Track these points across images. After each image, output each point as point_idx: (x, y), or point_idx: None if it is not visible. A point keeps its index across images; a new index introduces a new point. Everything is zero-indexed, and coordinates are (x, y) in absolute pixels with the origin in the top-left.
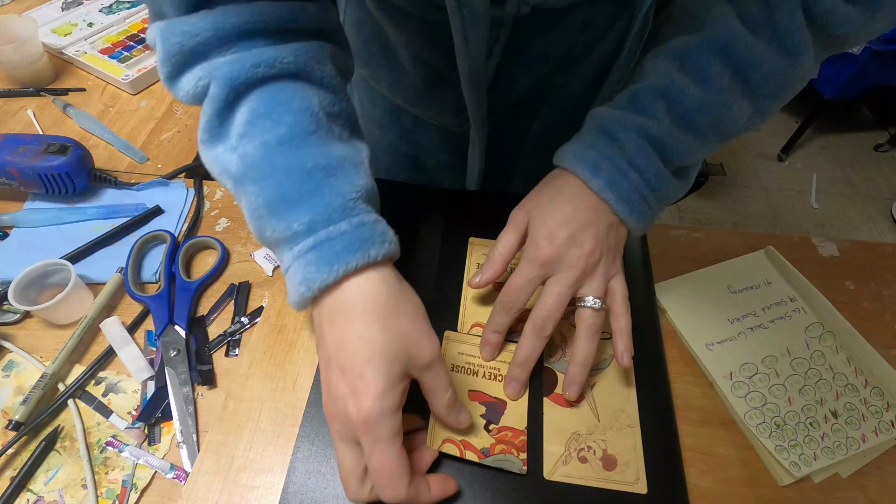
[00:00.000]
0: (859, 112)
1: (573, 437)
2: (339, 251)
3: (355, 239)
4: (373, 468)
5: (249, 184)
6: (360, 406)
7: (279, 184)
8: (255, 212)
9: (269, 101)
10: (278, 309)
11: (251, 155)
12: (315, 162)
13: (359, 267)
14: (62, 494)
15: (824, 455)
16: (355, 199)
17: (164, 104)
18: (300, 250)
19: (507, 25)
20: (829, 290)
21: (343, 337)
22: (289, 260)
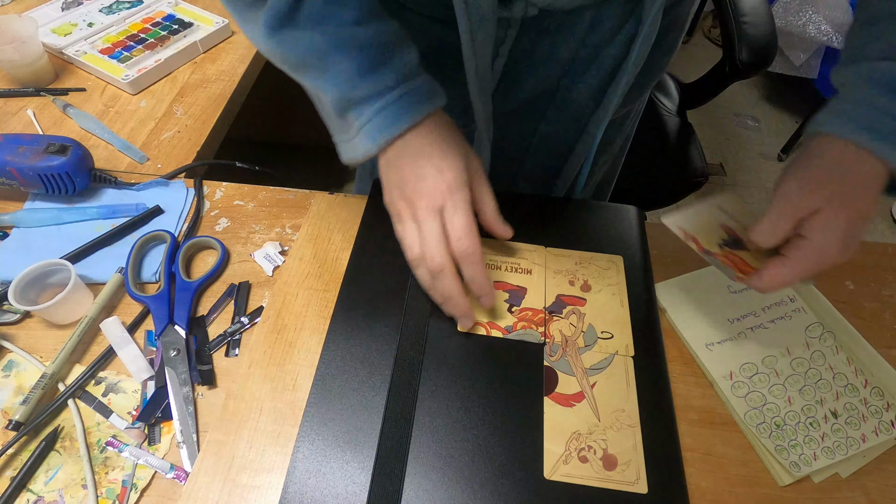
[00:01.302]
0: None
1: (573, 437)
2: (419, 100)
3: (426, 91)
4: (454, 226)
5: (340, 54)
6: (446, 177)
7: (366, 51)
8: (347, 77)
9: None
10: (278, 309)
11: (335, 33)
12: (387, 37)
13: (433, 111)
14: (62, 494)
15: (824, 455)
16: (417, 63)
17: (164, 104)
18: (389, 100)
19: (514, 27)
20: (829, 290)
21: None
22: (373, 111)
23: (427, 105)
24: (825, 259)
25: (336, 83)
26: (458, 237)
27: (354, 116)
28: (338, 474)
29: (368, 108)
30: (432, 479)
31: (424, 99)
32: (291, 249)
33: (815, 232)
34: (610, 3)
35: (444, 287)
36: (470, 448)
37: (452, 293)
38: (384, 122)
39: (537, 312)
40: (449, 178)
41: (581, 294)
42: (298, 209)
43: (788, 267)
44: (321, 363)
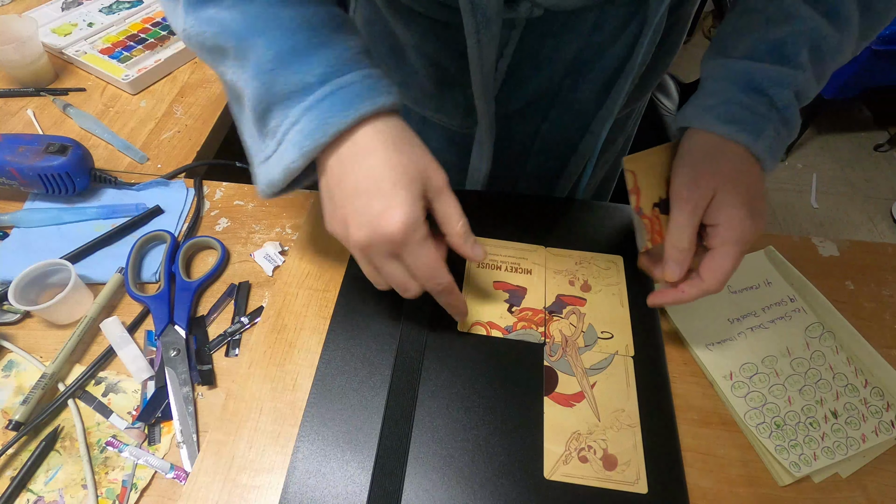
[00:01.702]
0: (859, 112)
1: (573, 437)
2: (353, 98)
3: (365, 88)
4: (418, 268)
5: (257, 36)
6: (395, 218)
7: (289, 35)
8: (265, 65)
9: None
10: (278, 309)
11: (253, 11)
12: (320, 17)
13: (371, 112)
14: (62, 494)
15: (824, 455)
16: (359, 52)
17: (164, 104)
18: (315, 99)
19: (519, 27)
20: (829, 290)
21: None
22: (299, 111)
23: (365, 104)
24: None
25: (256, 72)
26: (426, 278)
27: (278, 120)
28: (338, 474)
29: (292, 107)
30: (432, 479)
31: (366, 94)
32: (291, 249)
33: (720, 214)
34: (614, 3)
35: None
36: (470, 448)
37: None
38: (310, 125)
39: (537, 312)
40: (398, 220)
41: (581, 294)
42: (298, 209)
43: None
44: (321, 363)
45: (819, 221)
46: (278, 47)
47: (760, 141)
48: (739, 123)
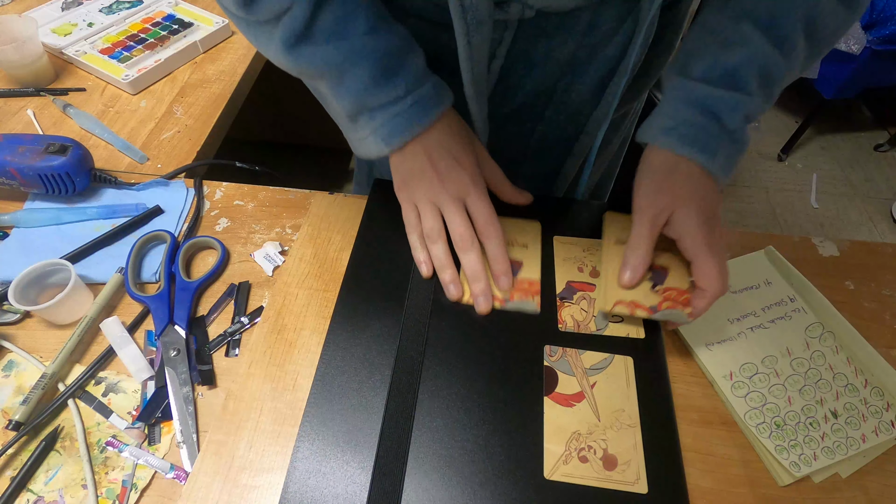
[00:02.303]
0: (859, 112)
1: (573, 437)
2: (430, 106)
3: (436, 94)
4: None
5: (352, 66)
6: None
7: (377, 64)
8: (359, 87)
9: (344, 5)
10: (278, 309)
11: (348, 46)
12: (397, 44)
13: (440, 114)
14: (62, 494)
15: (824, 455)
16: (425, 66)
17: (164, 104)
18: (401, 107)
19: (511, 29)
20: (829, 290)
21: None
22: (387, 115)
23: (437, 108)
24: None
25: (351, 92)
26: (485, 222)
27: (366, 120)
28: (338, 474)
29: (381, 114)
30: (432, 479)
31: (435, 102)
32: (291, 249)
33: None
34: (607, 3)
35: (472, 262)
36: (470, 448)
37: (480, 271)
38: (397, 127)
39: (682, 293)
40: (469, 170)
41: (590, 280)
42: (298, 209)
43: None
44: (321, 363)
45: (819, 221)
46: (371, 74)
47: (715, 159)
48: (696, 144)
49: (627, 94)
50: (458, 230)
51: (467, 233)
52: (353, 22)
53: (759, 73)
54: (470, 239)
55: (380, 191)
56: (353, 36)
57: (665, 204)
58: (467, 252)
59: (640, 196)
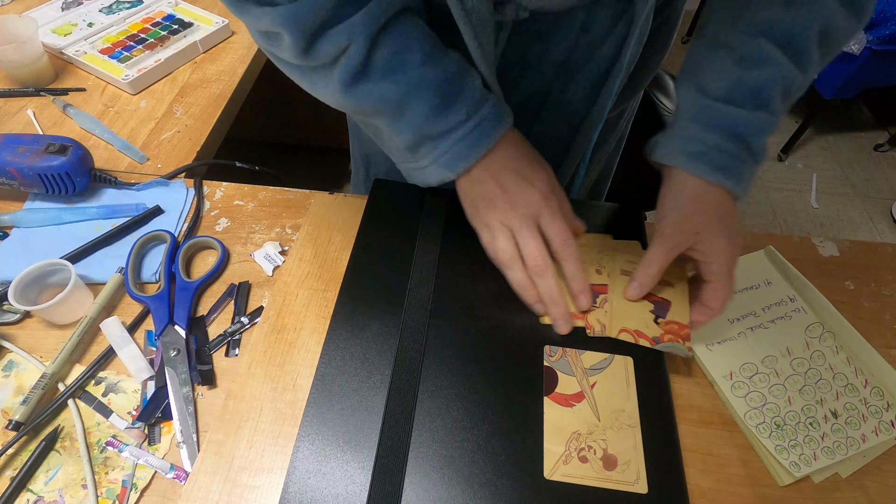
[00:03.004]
0: (859, 112)
1: (573, 437)
2: (491, 128)
3: (497, 116)
4: (555, 230)
5: (411, 99)
6: (538, 187)
7: (436, 93)
8: (420, 118)
9: (398, 39)
10: (278, 309)
11: (406, 79)
12: (452, 71)
13: (503, 135)
14: (62, 494)
15: (824, 455)
16: (482, 87)
17: (164, 104)
18: (464, 132)
19: (506, 29)
20: (829, 290)
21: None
22: (450, 142)
23: (500, 129)
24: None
25: (411, 125)
26: (561, 239)
27: (428, 150)
28: (338, 474)
29: (444, 141)
30: (432, 479)
31: (497, 123)
32: (291, 249)
33: (710, 252)
34: (601, 4)
35: (547, 287)
36: (470, 448)
37: (555, 294)
38: (461, 152)
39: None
40: (541, 187)
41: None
42: (298, 209)
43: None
44: (321, 363)
45: (819, 221)
46: (430, 104)
47: (741, 184)
48: (724, 171)
49: (623, 94)
50: (530, 254)
51: (540, 256)
52: (410, 55)
53: (782, 90)
54: (543, 262)
55: (379, 191)
56: (410, 69)
57: (690, 232)
58: (542, 277)
59: (666, 220)
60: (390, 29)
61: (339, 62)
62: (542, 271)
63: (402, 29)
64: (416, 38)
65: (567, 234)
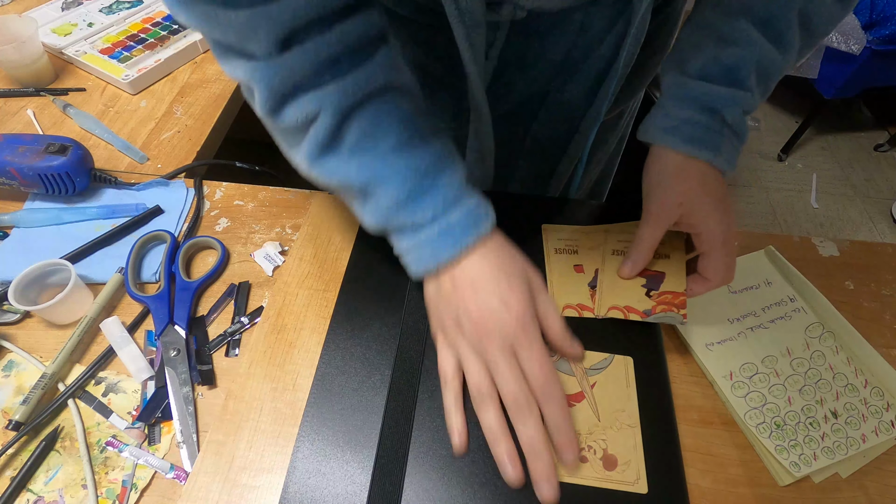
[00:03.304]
0: (859, 112)
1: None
2: (458, 235)
3: (469, 223)
4: (533, 363)
5: (377, 186)
6: (514, 312)
7: (402, 185)
8: (383, 209)
9: (373, 119)
10: (278, 309)
11: (372, 163)
12: (427, 163)
13: (474, 243)
14: (62, 494)
15: (824, 455)
16: (461, 186)
17: (164, 104)
18: (427, 237)
19: (504, 29)
20: (829, 290)
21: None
22: (413, 241)
23: (471, 236)
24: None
25: (374, 213)
26: (543, 381)
27: (395, 241)
28: (338, 474)
29: (407, 238)
30: (432, 479)
31: (469, 229)
32: (291, 249)
33: (698, 224)
34: (599, 4)
35: (530, 434)
36: (470, 448)
37: (541, 445)
38: (424, 255)
39: (678, 295)
40: (517, 310)
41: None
42: (298, 209)
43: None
44: (321, 363)
45: (819, 221)
46: (394, 196)
47: (719, 155)
48: (700, 142)
49: (622, 95)
50: (509, 392)
51: (522, 395)
52: (382, 137)
53: (758, 69)
54: (526, 404)
55: None
56: (380, 153)
57: (675, 203)
58: (524, 422)
59: (650, 196)
60: (366, 105)
61: (309, 132)
62: (526, 415)
63: (380, 108)
64: (394, 120)
65: (550, 370)
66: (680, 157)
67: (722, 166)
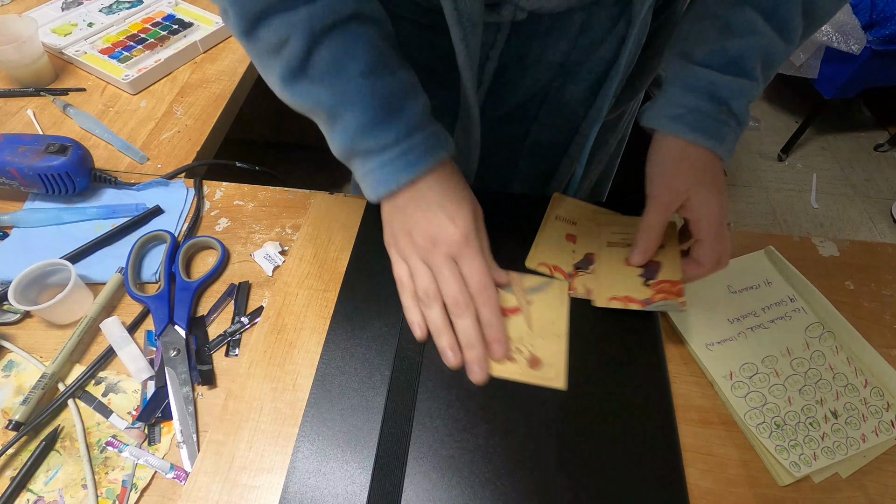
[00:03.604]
0: (859, 112)
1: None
2: (419, 157)
3: (428, 147)
4: (473, 272)
5: (344, 109)
6: (459, 226)
7: (369, 109)
8: (350, 132)
9: (342, 45)
10: (278, 309)
11: (341, 87)
12: (392, 88)
13: (432, 166)
14: (62, 494)
15: (824, 455)
16: (423, 114)
17: (164, 104)
18: (390, 156)
19: (504, 30)
20: (829, 290)
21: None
22: (377, 164)
23: (429, 160)
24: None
25: (342, 136)
26: (478, 285)
27: (356, 166)
28: (338, 474)
29: (370, 161)
30: (432, 479)
31: (428, 154)
32: (291, 249)
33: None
34: (600, 5)
35: (466, 328)
36: (470, 448)
37: (474, 338)
38: (385, 176)
39: (675, 283)
40: (462, 226)
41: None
42: (298, 209)
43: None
44: (321, 363)
45: (819, 221)
46: (361, 119)
47: (723, 144)
48: (706, 131)
49: (623, 96)
50: (450, 293)
51: (461, 297)
52: (350, 62)
53: (763, 59)
54: (464, 303)
55: None
56: (347, 77)
57: (678, 191)
58: (461, 317)
59: (654, 183)
60: (336, 31)
61: (281, 54)
62: (462, 312)
63: (349, 34)
64: (362, 47)
65: (486, 278)
66: (684, 144)
67: (724, 155)
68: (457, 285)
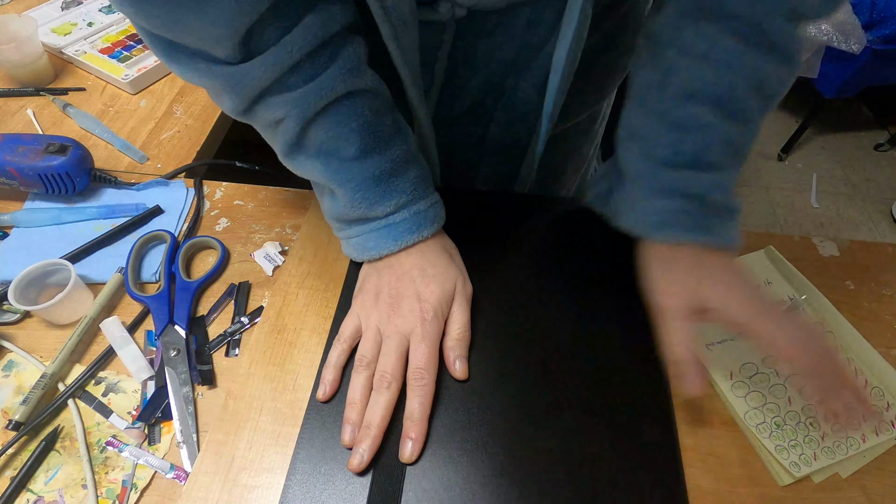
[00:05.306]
0: (859, 112)
1: None
2: (402, 233)
3: (413, 226)
4: (418, 354)
5: (336, 186)
6: (423, 306)
7: (360, 188)
8: (342, 205)
9: (334, 125)
10: (278, 309)
11: (333, 166)
12: (383, 168)
13: (414, 242)
14: (62, 494)
15: (824, 455)
16: (414, 189)
17: (164, 104)
18: (375, 227)
19: (450, 30)
20: (829, 290)
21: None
22: (360, 231)
23: (413, 237)
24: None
25: (332, 206)
26: (417, 366)
27: (343, 228)
28: (338, 474)
29: (356, 228)
30: (432, 479)
31: (412, 231)
32: (291, 249)
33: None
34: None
35: (379, 407)
36: (470, 448)
37: (378, 421)
38: (368, 244)
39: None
40: (426, 307)
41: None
42: (298, 209)
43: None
44: (322, 363)
45: (819, 221)
46: (352, 197)
47: (712, 235)
48: (692, 231)
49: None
50: (382, 366)
51: (390, 373)
52: (343, 145)
53: (725, 148)
54: (390, 381)
55: None
56: (340, 159)
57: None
58: (380, 393)
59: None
60: (329, 111)
61: (278, 130)
62: (382, 388)
63: (342, 115)
64: (356, 129)
65: (428, 365)
66: (672, 247)
67: (721, 245)
68: (394, 362)
